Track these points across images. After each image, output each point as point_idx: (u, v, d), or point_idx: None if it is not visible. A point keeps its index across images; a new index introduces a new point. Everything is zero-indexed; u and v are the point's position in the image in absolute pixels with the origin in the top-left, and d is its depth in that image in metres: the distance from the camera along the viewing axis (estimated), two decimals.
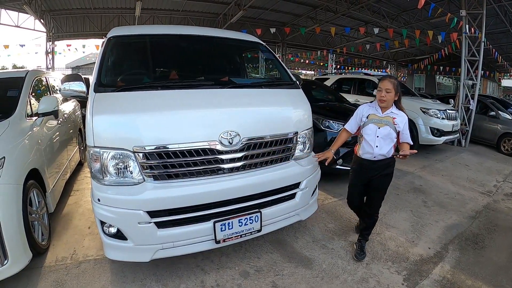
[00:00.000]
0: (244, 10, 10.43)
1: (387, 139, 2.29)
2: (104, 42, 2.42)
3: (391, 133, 2.28)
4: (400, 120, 2.31)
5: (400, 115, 2.32)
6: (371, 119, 2.34)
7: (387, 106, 2.30)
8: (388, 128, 2.29)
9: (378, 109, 2.35)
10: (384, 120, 2.31)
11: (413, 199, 3.71)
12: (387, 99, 2.26)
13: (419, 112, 5.71)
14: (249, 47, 3.28)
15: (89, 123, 1.87)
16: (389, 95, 2.26)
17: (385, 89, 2.26)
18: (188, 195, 1.92)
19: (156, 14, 12.23)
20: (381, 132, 2.29)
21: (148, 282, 2.18)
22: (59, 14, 11.33)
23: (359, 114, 2.42)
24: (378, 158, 2.35)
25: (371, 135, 2.32)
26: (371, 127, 2.32)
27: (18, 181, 2.08)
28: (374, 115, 2.34)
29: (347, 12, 10.98)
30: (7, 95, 2.59)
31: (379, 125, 2.30)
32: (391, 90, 2.25)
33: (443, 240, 2.77)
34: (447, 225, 3.07)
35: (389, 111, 2.32)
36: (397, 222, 3.10)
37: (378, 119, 2.32)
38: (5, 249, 1.87)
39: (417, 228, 2.98)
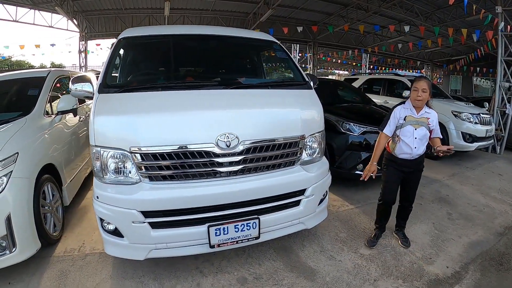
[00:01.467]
0: (273, 9, 10.36)
1: (423, 139, 2.42)
2: (114, 43, 2.48)
3: (426, 133, 2.41)
4: (432, 119, 2.42)
5: (432, 114, 2.43)
6: (408, 120, 2.41)
7: (422, 105, 2.38)
8: (424, 129, 2.39)
9: (413, 110, 2.42)
10: (420, 121, 2.40)
11: (437, 210, 3.40)
12: (423, 99, 2.33)
13: (450, 116, 5.25)
14: (263, 46, 3.20)
15: (91, 123, 1.92)
16: (425, 95, 2.33)
17: (422, 89, 2.32)
18: (181, 197, 1.90)
19: (186, 14, 12.52)
20: (418, 133, 2.39)
21: (146, 279, 2.20)
22: (91, 14, 11.99)
23: (397, 116, 2.46)
24: (415, 157, 2.46)
25: (409, 136, 2.40)
26: (409, 129, 2.40)
27: (30, 175, 2.20)
28: (411, 116, 2.41)
29: (378, 10, 10.45)
30: (28, 94, 2.77)
31: (415, 127, 2.39)
32: (427, 90, 2.33)
33: (464, 259, 2.49)
34: (471, 242, 2.76)
35: (423, 112, 2.40)
36: (415, 236, 2.85)
37: (415, 120, 2.40)
38: (14, 238, 1.99)
39: (437, 244, 2.71)
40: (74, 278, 2.18)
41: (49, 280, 2.15)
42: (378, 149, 2.51)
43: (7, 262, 1.99)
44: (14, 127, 2.28)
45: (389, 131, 2.49)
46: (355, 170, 3.75)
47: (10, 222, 1.96)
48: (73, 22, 11.45)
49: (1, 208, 1.93)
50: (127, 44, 2.54)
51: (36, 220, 2.19)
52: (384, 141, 2.53)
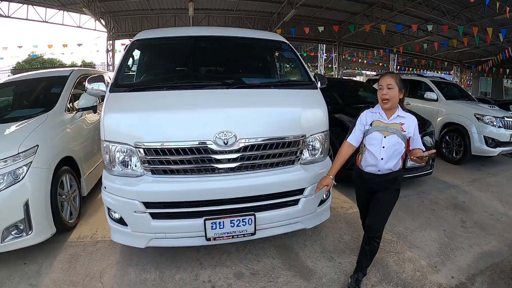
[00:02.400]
0: (296, 9, 10.33)
1: (395, 150, 1.94)
2: (128, 45, 2.63)
3: (399, 143, 1.94)
4: (408, 124, 1.96)
5: (408, 118, 1.98)
6: (375, 126, 1.99)
7: (392, 107, 1.95)
8: (395, 137, 1.94)
9: (382, 114, 1.99)
10: (391, 127, 1.95)
11: (451, 217, 3.24)
12: (390, 97, 1.91)
13: (473, 119, 4.96)
14: (272, 46, 3.21)
15: (102, 120, 2.07)
16: (391, 92, 1.91)
17: (387, 85, 1.91)
18: (179, 191, 1.98)
19: (211, 14, 12.78)
20: (388, 142, 1.94)
21: (148, 267, 2.32)
22: (118, 15, 12.56)
23: (363, 122, 2.06)
24: (383, 172, 2.00)
25: (376, 145, 1.97)
26: (376, 136, 1.98)
27: (49, 166, 2.40)
28: (379, 121, 1.99)
29: (404, 9, 10.07)
30: (51, 92, 3.01)
31: (385, 134, 1.95)
32: (393, 86, 1.91)
33: (472, 269, 2.35)
34: (482, 252, 2.60)
35: (395, 116, 1.97)
36: (423, 242, 2.74)
37: (384, 126, 1.97)
38: (30, 222, 2.19)
39: (445, 252, 2.59)
40: (83, 262, 2.35)
41: (60, 262, 2.34)
42: (337, 161, 2.10)
43: (23, 244, 2.20)
44: (36, 122, 2.51)
45: (354, 139, 2.08)
46: None
47: (28, 207, 2.16)
48: (101, 22, 12.08)
49: (20, 194, 2.14)
50: (140, 46, 2.68)
51: (52, 207, 2.39)
52: (345, 151, 2.10)
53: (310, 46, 20.33)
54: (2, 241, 2.11)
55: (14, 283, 2.14)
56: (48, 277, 2.18)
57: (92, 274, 2.24)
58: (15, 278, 2.18)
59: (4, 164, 2.10)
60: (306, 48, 21.36)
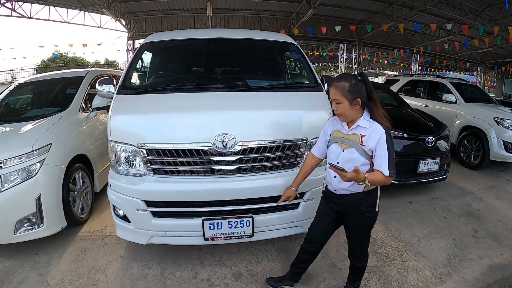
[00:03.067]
0: (315, 8, 10.20)
1: (350, 167, 1.53)
2: (138, 48, 2.70)
3: (356, 158, 1.60)
4: (368, 137, 1.59)
5: (371, 129, 1.60)
6: (334, 137, 1.71)
7: (349, 119, 1.64)
8: (352, 151, 1.61)
9: (343, 123, 1.69)
10: (349, 139, 1.64)
11: (462, 226, 3.07)
12: (341, 113, 1.61)
13: (492, 123, 4.67)
14: (279, 47, 3.18)
15: (108, 121, 2.14)
16: (341, 108, 1.60)
17: (333, 99, 1.62)
18: (179, 191, 2.02)
19: (229, 14, 12.84)
20: (343, 156, 1.64)
21: (151, 263, 2.37)
22: (139, 15, 12.84)
23: (325, 131, 1.81)
24: (340, 192, 1.71)
25: (333, 160, 1.67)
26: (334, 149, 1.70)
27: (61, 163, 2.51)
28: (339, 131, 1.70)
29: (424, 8, 9.66)
30: (67, 92, 3.14)
31: (343, 147, 1.65)
32: (340, 100, 1.58)
33: (479, 283, 2.22)
34: (492, 264, 2.45)
35: (355, 126, 1.63)
36: (430, 251, 2.62)
37: (341, 137, 1.67)
38: (42, 215, 2.31)
39: (453, 263, 2.46)
40: (91, 255, 2.45)
41: (69, 255, 2.45)
42: (300, 172, 1.92)
43: (34, 235, 2.32)
44: (50, 121, 2.64)
45: (317, 150, 1.85)
46: None
47: (40, 201, 2.28)
48: (121, 23, 12.42)
49: (33, 189, 2.26)
50: (149, 49, 2.74)
51: (64, 202, 2.50)
52: (308, 162, 1.89)
53: (331, 46, 19.99)
54: (15, 232, 2.24)
55: (25, 272, 2.26)
56: (56, 268, 2.29)
57: (97, 267, 2.32)
58: (26, 267, 2.31)
59: (18, 161, 2.23)
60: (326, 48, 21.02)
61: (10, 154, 2.22)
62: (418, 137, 3.65)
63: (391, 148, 1.58)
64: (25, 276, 2.22)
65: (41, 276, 2.21)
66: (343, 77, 1.63)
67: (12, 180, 2.20)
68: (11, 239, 2.26)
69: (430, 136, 3.66)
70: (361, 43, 14.59)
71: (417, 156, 3.61)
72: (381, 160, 1.56)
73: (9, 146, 2.28)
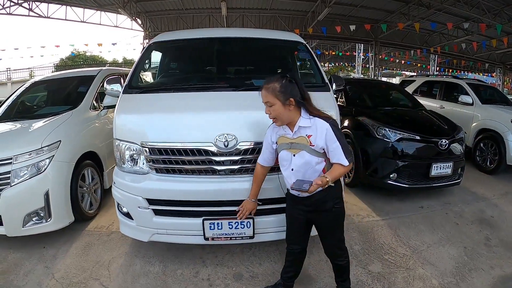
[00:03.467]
0: (329, 7, 10.05)
1: (306, 170, 1.57)
2: (145, 47, 2.71)
3: (310, 160, 1.58)
4: (315, 136, 1.55)
5: (314, 127, 1.56)
6: (281, 144, 1.65)
7: (286, 122, 1.59)
8: (304, 154, 1.57)
9: (286, 128, 1.63)
10: (297, 143, 1.59)
11: (474, 233, 2.92)
12: (276, 115, 1.57)
13: (510, 126, 4.41)
14: (287, 46, 3.09)
15: (114, 119, 2.16)
16: (274, 110, 1.55)
17: (265, 102, 1.57)
18: (180, 190, 2.00)
19: (245, 13, 12.84)
20: (296, 162, 1.60)
21: (153, 260, 2.38)
22: (154, 14, 12.98)
23: (268, 140, 1.74)
24: (303, 195, 1.63)
25: (286, 167, 1.65)
26: (284, 156, 1.64)
27: (70, 160, 2.56)
28: (284, 137, 1.64)
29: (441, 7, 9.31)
30: (78, 90, 3.20)
31: (293, 152, 1.60)
32: (272, 102, 1.53)
33: None
34: (503, 275, 2.30)
35: (297, 128, 1.58)
36: (439, 259, 2.50)
37: (288, 143, 1.62)
38: (50, 210, 2.37)
39: (462, 272, 2.34)
40: (96, 250, 2.49)
41: (76, 249, 2.49)
42: (253, 183, 1.86)
43: (42, 229, 2.39)
44: (60, 119, 2.70)
45: (264, 161, 1.79)
46: (387, 179, 3.45)
47: (48, 196, 2.33)
48: (137, 22, 12.63)
49: (42, 184, 2.32)
50: (156, 48, 2.75)
51: (72, 198, 2.55)
52: (259, 172, 1.82)
53: (348, 46, 19.64)
54: (23, 225, 2.31)
55: (32, 264, 2.32)
56: (62, 262, 2.34)
57: (101, 262, 2.35)
58: (33, 260, 2.37)
59: (28, 157, 2.29)
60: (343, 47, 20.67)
61: (21, 150, 2.28)
62: (431, 139, 3.50)
63: (341, 137, 1.57)
64: (32, 268, 2.28)
65: (47, 269, 2.27)
66: (272, 79, 1.59)
67: (22, 175, 2.27)
68: (19, 232, 2.33)
69: (443, 139, 3.50)
70: (377, 43, 14.28)
71: (430, 159, 3.46)
72: (336, 152, 1.55)
73: (19, 142, 2.35)
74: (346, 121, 4.06)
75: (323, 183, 1.50)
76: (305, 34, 12.39)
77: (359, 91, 4.99)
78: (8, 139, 2.45)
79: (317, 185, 1.49)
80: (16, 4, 12.10)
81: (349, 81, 5.32)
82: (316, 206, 1.68)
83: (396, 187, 3.45)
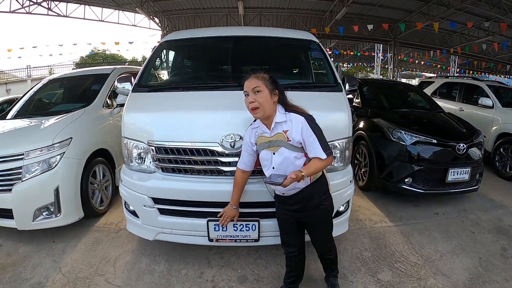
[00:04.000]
0: (347, 6, 9.85)
1: (288, 165, 1.56)
2: (156, 46, 2.69)
3: (288, 156, 1.55)
4: (291, 130, 1.54)
5: (289, 122, 1.55)
6: (260, 144, 1.62)
7: (266, 115, 1.54)
8: (284, 150, 1.55)
9: (263, 127, 1.61)
10: (275, 140, 1.56)
11: (491, 243, 2.74)
12: (260, 103, 1.51)
13: None
14: (300, 45, 2.98)
15: (122, 118, 2.15)
16: (260, 96, 1.51)
17: (252, 88, 1.52)
18: (185, 190, 1.96)
19: (262, 13, 12.73)
20: (276, 160, 1.57)
21: (159, 259, 2.36)
22: (172, 14, 13.01)
23: (247, 142, 1.70)
24: (289, 193, 1.63)
25: (268, 167, 1.62)
26: (264, 156, 1.62)
27: (81, 157, 2.58)
28: (263, 137, 1.62)
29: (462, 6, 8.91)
30: (92, 88, 3.23)
31: (272, 150, 1.58)
32: (261, 88, 1.51)
33: None
34: None
35: (274, 125, 1.57)
36: (452, 270, 2.36)
37: (267, 142, 1.59)
38: (60, 205, 2.39)
39: (475, 284, 2.18)
40: (103, 247, 2.49)
41: (84, 244, 2.51)
42: (234, 188, 1.81)
43: (51, 224, 2.42)
44: (72, 116, 2.73)
45: (243, 165, 1.74)
46: (402, 184, 3.30)
47: (58, 192, 2.36)
48: (154, 21, 12.69)
49: (52, 180, 2.34)
50: (168, 47, 2.72)
51: (82, 194, 2.56)
52: (240, 177, 1.77)
53: (366, 46, 19.22)
54: (33, 220, 2.34)
55: (41, 257, 2.35)
56: (70, 256, 2.36)
57: (108, 258, 2.36)
58: (42, 253, 2.40)
59: (39, 153, 2.32)
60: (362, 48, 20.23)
61: (32, 146, 2.31)
62: (448, 143, 3.33)
63: (318, 131, 1.55)
64: (40, 262, 2.31)
65: (55, 263, 2.29)
66: (259, 71, 1.61)
67: (33, 171, 2.30)
68: (29, 226, 2.36)
69: (461, 143, 3.32)
70: (396, 43, 13.85)
71: (446, 164, 3.29)
72: (313, 146, 1.53)
73: (31, 139, 2.39)
74: (361, 123, 3.93)
75: (298, 177, 1.47)
76: (323, 34, 12.17)
77: (376, 92, 4.83)
78: (20, 135, 2.50)
79: (291, 178, 1.46)
80: (35, 4, 12.31)
81: (366, 82, 5.16)
82: (303, 204, 1.65)
83: (410, 192, 3.30)
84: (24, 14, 12.50)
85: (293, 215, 1.72)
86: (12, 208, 2.32)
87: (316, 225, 1.75)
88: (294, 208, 1.68)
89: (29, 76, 18.61)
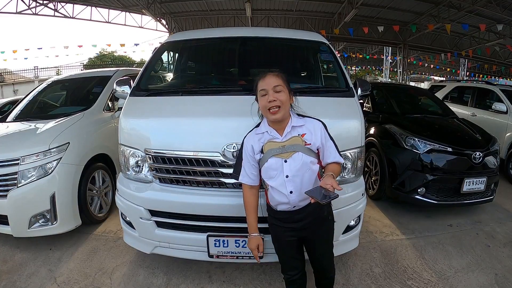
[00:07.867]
0: (356, 9, 9.58)
1: (304, 173, 1.36)
2: (157, 48, 2.53)
3: (306, 160, 1.36)
4: (310, 134, 1.39)
5: (307, 125, 1.41)
6: (268, 151, 1.40)
7: (284, 116, 1.38)
8: (300, 155, 1.36)
9: (272, 131, 1.42)
10: (290, 145, 1.37)
11: (507, 258, 2.51)
12: (283, 101, 1.34)
13: None
14: (309, 47, 2.80)
15: (119, 123, 1.99)
16: (281, 95, 1.34)
17: (274, 86, 1.34)
18: (183, 202, 1.79)
19: (270, 15, 12.49)
20: (291, 166, 1.36)
21: (157, 272, 2.21)
22: (179, 16, 12.82)
23: (248, 152, 1.46)
24: (300, 206, 1.42)
25: (277, 177, 1.39)
26: (273, 165, 1.38)
27: (79, 162, 2.44)
28: (272, 142, 1.40)
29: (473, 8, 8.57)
30: (93, 91, 3.09)
31: (284, 157, 1.37)
32: (282, 88, 1.35)
33: None
34: None
35: (289, 128, 1.39)
36: (467, 286, 2.15)
37: (279, 147, 1.39)
38: (56, 213, 2.26)
39: None
40: (101, 256, 2.35)
41: (81, 253, 2.37)
42: (247, 211, 1.55)
43: (48, 232, 2.29)
44: (71, 120, 2.58)
45: (248, 179, 1.49)
46: (415, 194, 3.08)
47: (54, 199, 2.23)
48: (161, 23, 12.51)
49: (48, 187, 2.21)
50: (170, 49, 2.55)
51: (80, 201, 2.42)
52: (248, 194, 1.53)
53: (375, 49, 18.84)
54: (29, 227, 2.22)
55: (36, 265, 2.23)
56: (66, 266, 2.23)
57: (105, 269, 2.21)
58: (38, 261, 2.28)
59: (35, 158, 2.19)
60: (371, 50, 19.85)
61: (28, 151, 2.19)
62: (464, 151, 3.09)
63: (331, 136, 1.47)
64: (36, 270, 2.19)
65: (50, 272, 2.16)
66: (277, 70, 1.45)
67: (28, 176, 2.17)
68: (25, 233, 2.25)
69: (477, 151, 3.09)
70: (405, 46, 13.45)
71: (462, 174, 3.06)
72: (331, 151, 1.43)
73: (28, 143, 2.26)
74: (372, 129, 3.70)
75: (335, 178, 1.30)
76: (332, 36, 11.89)
77: (387, 96, 4.57)
78: (17, 140, 2.38)
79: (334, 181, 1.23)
80: (41, 5, 12.09)
81: (376, 86, 4.92)
82: (313, 217, 1.45)
83: (424, 203, 3.08)
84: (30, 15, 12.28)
85: (296, 235, 1.49)
86: (8, 215, 2.21)
87: (322, 240, 1.54)
88: (300, 225, 1.46)
89: (36, 77, 18.66)
